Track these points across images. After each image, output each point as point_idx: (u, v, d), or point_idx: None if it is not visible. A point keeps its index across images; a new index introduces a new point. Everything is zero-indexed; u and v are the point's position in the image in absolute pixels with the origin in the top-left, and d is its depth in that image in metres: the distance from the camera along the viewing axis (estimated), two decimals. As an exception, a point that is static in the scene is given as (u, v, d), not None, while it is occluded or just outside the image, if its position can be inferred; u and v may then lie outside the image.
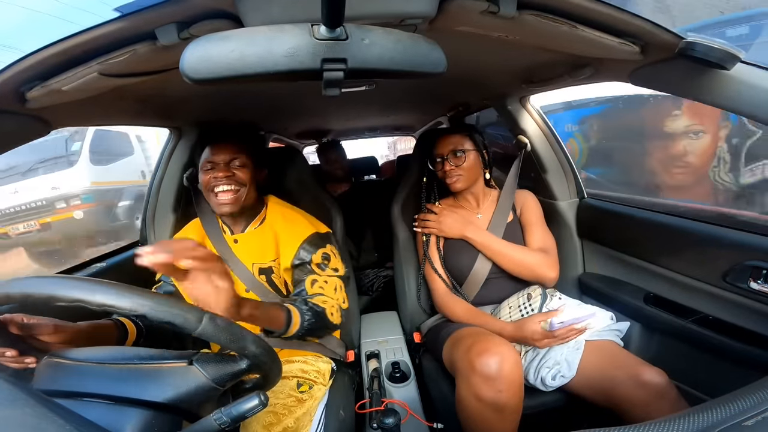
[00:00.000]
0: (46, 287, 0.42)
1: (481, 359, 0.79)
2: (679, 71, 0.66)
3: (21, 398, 0.37)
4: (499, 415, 0.79)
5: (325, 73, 0.41)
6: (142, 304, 0.42)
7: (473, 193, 1.20)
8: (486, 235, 1.11)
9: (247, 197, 0.94)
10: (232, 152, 0.92)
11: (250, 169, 0.94)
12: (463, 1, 0.54)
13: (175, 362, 0.50)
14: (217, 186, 0.90)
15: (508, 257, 1.07)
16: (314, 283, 0.93)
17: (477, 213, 1.21)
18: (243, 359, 0.51)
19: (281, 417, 0.81)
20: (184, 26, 0.53)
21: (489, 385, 0.78)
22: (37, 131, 0.75)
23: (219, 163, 0.91)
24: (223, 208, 0.91)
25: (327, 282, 0.94)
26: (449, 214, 1.17)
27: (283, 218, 0.99)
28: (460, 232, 1.14)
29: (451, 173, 1.13)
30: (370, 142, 5.47)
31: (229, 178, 0.90)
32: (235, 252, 0.97)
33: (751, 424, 0.40)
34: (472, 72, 1.08)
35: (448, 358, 0.97)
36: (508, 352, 0.80)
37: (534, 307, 0.96)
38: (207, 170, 0.92)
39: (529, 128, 1.34)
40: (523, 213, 1.18)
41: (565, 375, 0.91)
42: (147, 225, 1.35)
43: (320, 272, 0.94)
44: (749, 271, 0.81)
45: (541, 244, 1.11)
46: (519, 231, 1.17)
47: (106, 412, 0.45)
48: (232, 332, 0.48)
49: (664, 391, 0.78)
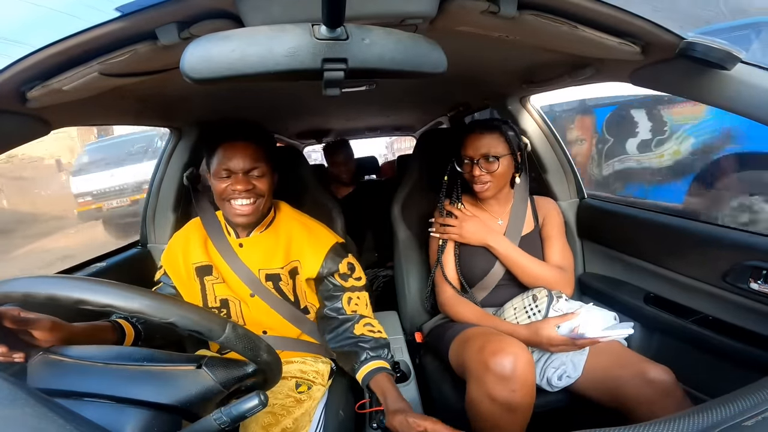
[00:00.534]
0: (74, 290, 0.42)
1: (495, 359, 0.78)
2: (680, 71, 0.66)
3: (21, 398, 0.37)
4: (511, 416, 0.79)
5: (325, 73, 0.41)
6: (172, 313, 0.44)
7: (497, 198, 1.13)
8: (508, 245, 1.07)
9: (265, 206, 0.90)
10: (252, 160, 0.84)
11: (269, 179, 0.88)
12: (464, 1, 0.54)
13: (184, 365, 0.51)
14: (236, 199, 0.84)
15: (527, 271, 1.04)
16: (350, 301, 0.95)
17: (498, 218, 1.15)
18: (250, 364, 0.53)
19: (280, 418, 0.81)
20: (185, 26, 0.53)
21: (503, 385, 0.77)
22: (37, 131, 0.75)
23: (237, 173, 0.84)
24: (239, 219, 0.86)
25: (360, 298, 0.97)
26: (471, 219, 1.11)
27: (302, 227, 0.97)
28: (482, 239, 1.08)
29: (481, 179, 1.04)
30: (368, 142, 5.47)
31: (249, 191, 0.84)
32: (240, 255, 0.94)
33: (751, 424, 0.39)
34: (472, 72, 1.08)
35: (455, 358, 0.96)
36: (522, 352, 0.80)
37: (541, 308, 0.95)
38: (223, 178, 0.84)
39: (529, 128, 1.34)
40: (546, 224, 1.13)
41: (571, 375, 0.91)
42: (147, 225, 1.35)
43: (347, 284, 0.96)
44: (749, 271, 0.81)
45: (559, 260, 1.08)
46: (539, 241, 1.12)
47: (106, 412, 0.45)
48: (249, 340, 0.51)
49: (671, 389, 0.78)
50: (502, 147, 1.04)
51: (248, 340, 0.50)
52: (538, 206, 1.17)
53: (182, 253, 0.95)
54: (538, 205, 1.17)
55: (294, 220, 0.99)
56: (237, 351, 0.49)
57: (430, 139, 1.43)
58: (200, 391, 0.50)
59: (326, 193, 1.31)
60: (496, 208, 1.16)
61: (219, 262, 0.94)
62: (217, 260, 0.94)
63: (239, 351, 0.49)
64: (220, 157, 0.84)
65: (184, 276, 0.94)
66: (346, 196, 2.15)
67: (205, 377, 0.50)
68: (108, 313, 0.43)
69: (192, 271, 0.93)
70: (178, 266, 0.94)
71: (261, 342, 0.52)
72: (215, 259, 0.94)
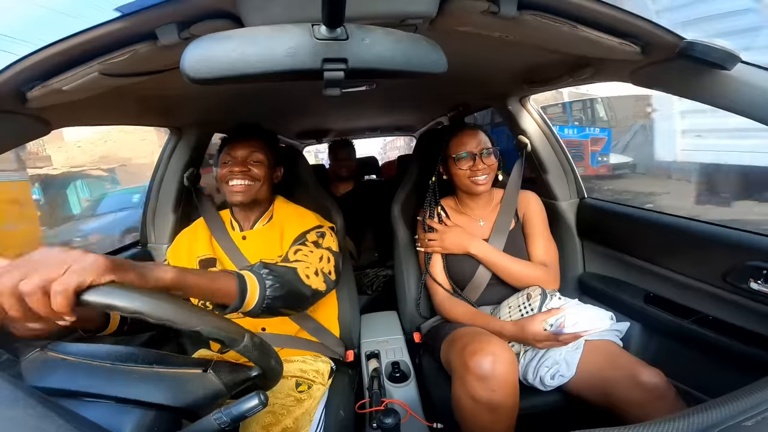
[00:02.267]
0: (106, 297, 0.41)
1: (474, 359, 0.79)
2: (680, 71, 0.66)
3: (21, 398, 0.37)
4: (493, 415, 0.79)
5: (325, 73, 0.41)
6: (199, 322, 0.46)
7: (482, 197, 1.16)
8: (488, 250, 1.09)
9: (260, 192, 0.97)
10: (250, 149, 0.96)
11: (265, 166, 0.97)
12: (464, 2, 0.54)
13: (191, 369, 0.52)
14: (232, 180, 0.93)
15: (510, 273, 1.06)
16: (297, 252, 0.87)
17: (479, 219, 1.17)
18: (255, 368, 0.55)
19: (280, 417, 0.81)
20: (185, 26, 0.53)
21: (483, 385, 0.78)
22: (37, 131, 0.75)
23: (237, 158, 0.95)
24: (235, 197, 0.94)
25: (312, 252, 0.88)
26: (450, 230, 1.13)
27: (291, 213, 1.02)
28: (463, 248, 1.10)
29: (483, 172, 1.07)
30: (364, 143, 5.47)
31: (244, 173, 0.94)
32: (242, 249, 0.98)
33: (751, 424, 0.40)
34: (472, 72, 1.08)
35: (445, 358, 0.97)
36: (502, 351, 0.80)
37: (534, 306, 0.96)
38: (225, 163, 0.96)
39: (529, 128, 1.34)
40: (527, 220, 1.14)
41: (564, 375, 0.91)
42: (147, 225, 1.35)
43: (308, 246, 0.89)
44: (749, 271, 0.81)
45: (543, 257, 1.09)
46: (521, 238, 1.14)
47: (106, 412, 0.45)
48: (263, 349, 0.53)
49: (662, 392, 0.78)
50: (491, 142, 1.11)
51: (263, 349, 0.53)
52: (519, 202, 1.17)
53: (188, 248, 1.00)
54: (519, 200, 1.17)
55: (286, 210, 1.04)
56: (251, 358, 0.51)
57: (430, 139, 1.43)
58: (206, 394, 0.51)
59: (326, 193, 1.31)
60: (477, 211, 1.18)
61: (222, 257, 0.99)
62: (220, 255, 0.99)
63: (253, 358, 0.51)
64: (226, 149, 0.97)
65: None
66: (345, 194, 2.16)
67: (211, 381, 0.52)
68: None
69: (195, 265, 0.97)
70: (183, 259, 0.98)
71: (272, 351, 0.55)
72: (219, 254, 0.99)
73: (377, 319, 1.42)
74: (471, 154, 1.08)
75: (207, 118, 1.27)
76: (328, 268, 0.89)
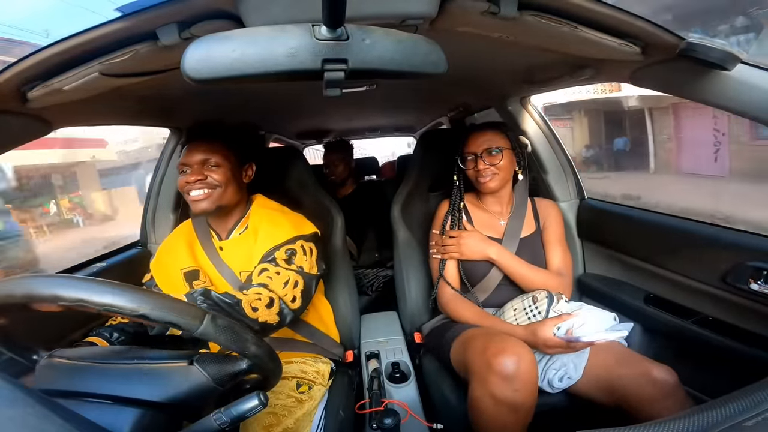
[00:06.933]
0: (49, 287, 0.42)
1: (498, 359, 0.79)
2: (680, 72, 0.67)
3: (21, 398, 0.37)
4: (514, 415, 0.79)
5: (326, 74, 0.41)
6: (143, 305, 0.42)
7: (500, 196, 1.15)
8: (508, 256, 1.08)
9: (225, 197, 0.89)
10: (205, 152, 0.88)
11: (226, 169, 0.89)
12: (464, 2, 0.54)
13: (175, 362, 0.50)
14: (191, 190, 0.86)
15: (527, 280, 1.06)
16: (263, 272, 0.84)
17: (500, 219, 1.17)
18: (243, 359, 0.51)
19: (281, 418, 0.81)
20: (185, 26, 0.53)
21: (506, 385, 0.78)
22: (37, 131, 0.75)
23: (192, 165, 0.87)
24: (197, 206, 0.87)
25: (279, 274, 0.84)
26: (469, 235, 1.11)
27: (266, 220, 0.94)
28: (483, 254, 1.09)
29: (485, 172, 1.07)
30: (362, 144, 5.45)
31: (201, 182, 0.86)
32: (223, 258, 0.95)
33: (751, 425, 0.40)
34: (472, 72, 1.08)
35: (457, 358, 0.96)
36: (525, 352, 0.80)
37: (541, 310, 0.95)
38: (181, 173, 0.88)
39: (529, 129, 1.34)
40: (546, 228, 1.14)
41: (572, 376, 0.91)
42: (147, 225, 1.35)
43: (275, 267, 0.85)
44: (749, 271, 0.81)
45: (559, 266, 1.10)
46: (539, 244, 1.14)
47: (106, 412, 0.45)
48: (233, 332, 0.48)
49: (673, 390, 0.78)
50: (503, 142, 1.09)
51: (231, 332, 0.47)
52: (540, 208, 1.17)
53: (171, 260, 0.95)
54: (540, 206, 1.17)
55: (262, 215, 0.95)
56: (220, 344, 0.47)
57: (430, 139, 1.43)
58: (193, 387, 0.49)
59: (326, 193, 1.31)
60: (498, 209, 1.17)
61: (206, 265, 0.95)
62: (204, 263, 0.95)
63: (223, 344, 0.47)
64: (183, 155, 0.89)
65: (174, 281, 0.93)
66: (346, 196, 2.15)
67: (196, 374, 0.49)
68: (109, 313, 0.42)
69: (180, 277, 0.93)
70: (167, 273, 0.94)
71: (247, 334, 0.49)
72: (202, 262, 0.95)
73: (377, 320, 1.42)
74: (474, 154, 1.09)
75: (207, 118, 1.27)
76: (293, 294, 0.84)
